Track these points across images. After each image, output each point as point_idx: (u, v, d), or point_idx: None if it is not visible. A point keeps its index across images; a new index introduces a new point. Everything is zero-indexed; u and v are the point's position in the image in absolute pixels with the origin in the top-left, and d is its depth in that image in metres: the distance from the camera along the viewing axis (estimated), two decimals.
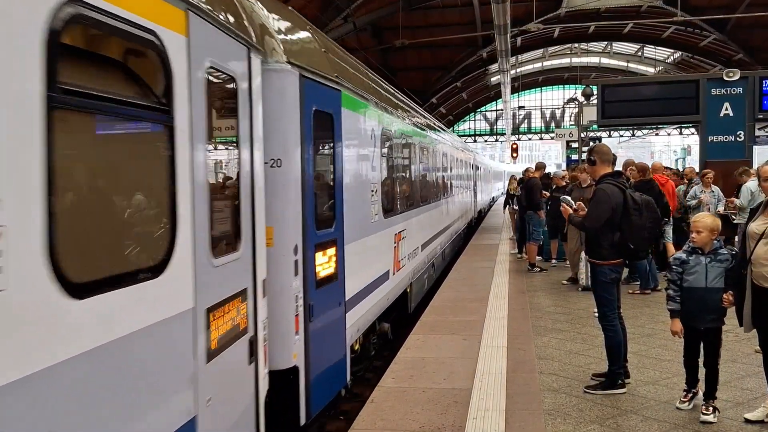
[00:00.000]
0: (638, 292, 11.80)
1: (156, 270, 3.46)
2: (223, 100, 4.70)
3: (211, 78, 4.20)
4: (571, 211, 7.27)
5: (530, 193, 15.63)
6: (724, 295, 5.92)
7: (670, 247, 12.15)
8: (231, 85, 4.65)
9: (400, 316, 11.09)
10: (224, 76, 4.53)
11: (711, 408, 5.97)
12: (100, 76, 3.16)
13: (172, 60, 3.59)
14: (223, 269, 4.28)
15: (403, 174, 11.72)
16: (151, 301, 3.37)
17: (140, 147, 3.76)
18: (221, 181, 4.79)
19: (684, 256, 6.14)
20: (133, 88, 3.43)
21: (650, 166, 12.84)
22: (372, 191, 8.41)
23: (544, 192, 15.71)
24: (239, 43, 4.71)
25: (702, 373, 6.22)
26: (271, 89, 5.48)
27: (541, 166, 17.12)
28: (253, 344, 4.82)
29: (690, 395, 6.29)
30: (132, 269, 3.32)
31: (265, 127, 5.30)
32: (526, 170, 18.01)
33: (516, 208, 19.76)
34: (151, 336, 3.35)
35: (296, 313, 5.63)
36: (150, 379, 3.38)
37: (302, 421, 5.82)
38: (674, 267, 6.16)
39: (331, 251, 6.48)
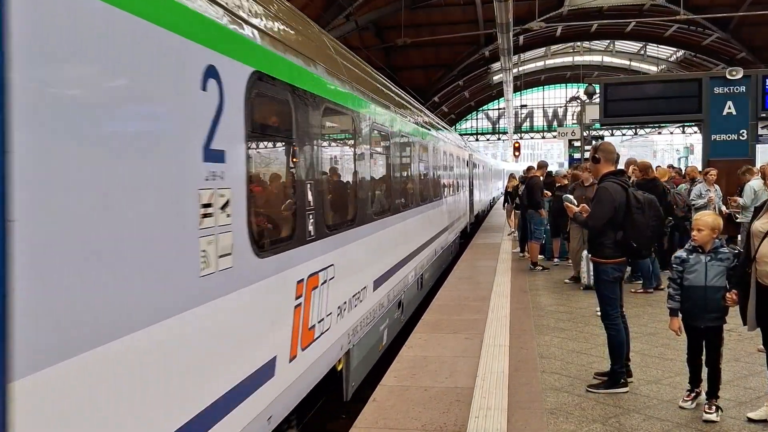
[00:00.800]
0: (641, 291, 11.77)
1: None
2: None
3: None
4: (576, 209, 7.26)
5: (531, 191, 15.60)
6: (728, 294, 5.90)
7: None
8: None
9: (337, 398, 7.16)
10: None
11: (714, 407, 5.95)
12: None
13: None
14: None
15: (335, 169, 7.08)
16: None
17: None
18: None
19: (684, 254, 6.14)
20: None
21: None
22: (205, 204, 3.76)
23: (545, 191, 15.66)
24: None
25: (705, 372, 6.21)
26: None
27: (542, 165, 17.06)
28: None
29: (693, 395, 6.27)
30: None
31: None
32: (529, 169, 17.97)
33: (513, 205, 19.75)
34: None
35: None
36: None
37: None
38: (674, 265, 6.17)
39: None
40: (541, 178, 16.07)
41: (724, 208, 13.19)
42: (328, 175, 6.58)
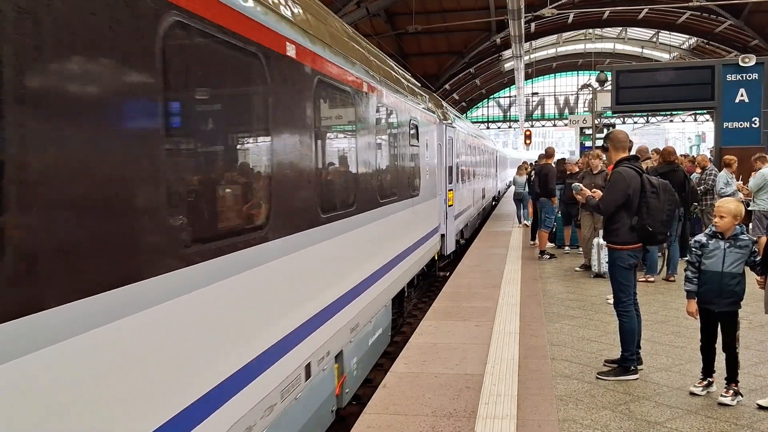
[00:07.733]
0: (642, 279, 11.52)
1: None
2: None
3: None
4: (588, 192, 7.28)
5: (545, 180, 15.49)
6: (757, 279, 5.97)
7: None
8: None
9: None
10: None
11: (731, 391, 5.97)
12: None
13: None
14: None
15: None
16: None
17: None
18: None
19: (704, 239, 6.14)
20: None
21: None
22: None
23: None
24: None
25: (717, 362, 6.23)
26: None
27: (550, 152, 16.75)
28: None
29: (705, 382, 6.27)
30: None
31: None
32: (540, 157, 17.87)
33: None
34: None
35: None
36: None
37: None
38: (693, 249, 6.18)
39: None
40: (553, 164, 15.97)
41: (741, 195, 13.25)
42: None
